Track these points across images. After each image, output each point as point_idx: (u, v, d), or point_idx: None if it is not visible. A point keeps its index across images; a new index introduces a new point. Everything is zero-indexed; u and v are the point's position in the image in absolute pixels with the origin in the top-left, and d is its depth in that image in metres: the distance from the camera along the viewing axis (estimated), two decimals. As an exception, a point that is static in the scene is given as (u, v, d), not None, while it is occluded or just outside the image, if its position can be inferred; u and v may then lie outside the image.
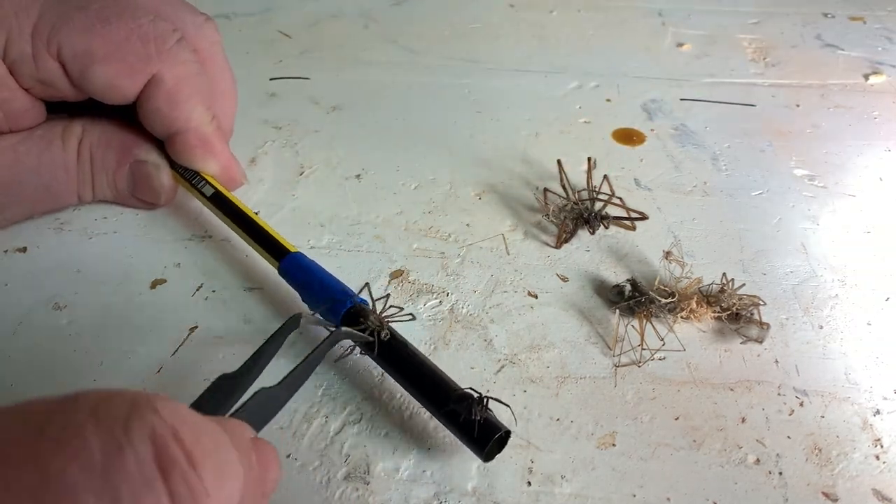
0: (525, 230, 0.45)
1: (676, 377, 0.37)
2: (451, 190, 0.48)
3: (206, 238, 0.43)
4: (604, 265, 0.43)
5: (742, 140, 0.53)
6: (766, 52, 0.63)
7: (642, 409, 0.35)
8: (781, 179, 0.49)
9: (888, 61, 0.62)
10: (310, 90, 0.56)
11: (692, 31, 0.65)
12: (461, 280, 0.42)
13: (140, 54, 0.39)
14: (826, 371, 0.37)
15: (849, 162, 0.51)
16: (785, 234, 0.45)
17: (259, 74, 0.57)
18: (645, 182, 0.49)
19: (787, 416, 0.35)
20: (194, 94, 0.41)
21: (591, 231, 0.44)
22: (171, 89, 0.39)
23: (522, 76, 0.59)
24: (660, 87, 0.58)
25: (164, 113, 0.40)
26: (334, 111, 0.54)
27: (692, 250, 0.44)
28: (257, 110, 0.53)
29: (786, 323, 0.40)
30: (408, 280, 0.41)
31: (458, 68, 0.59)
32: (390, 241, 0.44)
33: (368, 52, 0.61)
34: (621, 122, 0.54)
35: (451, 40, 0.63)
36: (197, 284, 0.41)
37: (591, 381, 0.37)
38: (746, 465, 0.33)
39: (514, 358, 0.38)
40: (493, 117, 0.54)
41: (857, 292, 0.42)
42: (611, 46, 0.63)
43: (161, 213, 0.45)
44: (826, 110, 0.56)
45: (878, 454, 0.34)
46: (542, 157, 0.50)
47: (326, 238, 0.44)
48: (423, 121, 0.53)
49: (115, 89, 0.39)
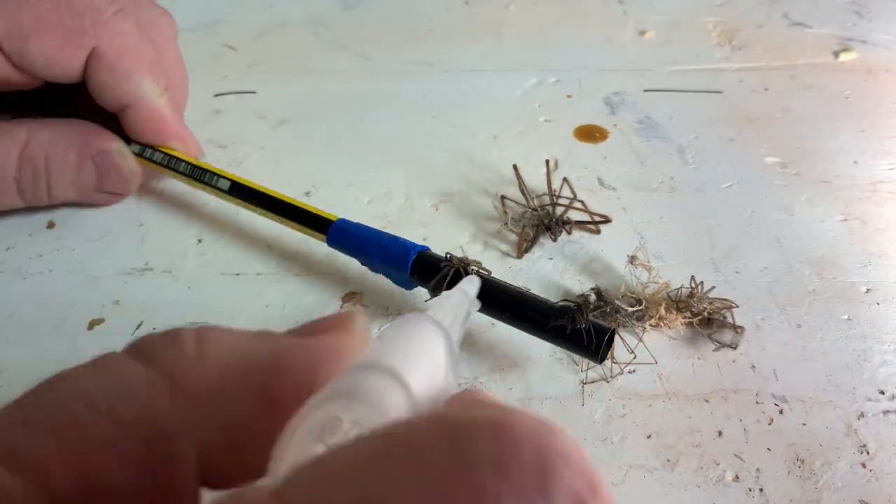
0: (485, 241, 0.42)
1: (647, 391, 0.35)
2: (407, 202, 0.45)
3: (146, 271, 0.41)
4: (568, 273, 0.40)
5: (709, 129, 0.51)
6: (732, 35, 0.61)
7: (612, 428, 0.33)
8: (752, 169, 0.47)
9: (858, 37, 0.60)
10: (256, 105, 0.53)
11: (655, 18, 0.63)
12: (418, 299, 0.39)
13: (74, 26, 0.39)
14: (806, 374, 0.35)
15: (822, 146, 0.49)
16: (758, 227, 0.43)
17: (203, 91, 0.54)
18: (609, 181, 0.46)
19: (766, 427, 0.33)
20: (139, 66, 0.40)
21: (553, 238, 0.41)
22: (112, 61, 0.39)
23: (479, 76, 0.56)
24: (622, 78, 0.56)
25: (109, 86, 0.40)
26: (282, 125, 0.51)
27: (660, 251, 0.41)
28: (201, 129, 0.50)
29: (762, 324, 0.38)
30: (361, 303, 0.39)
31: (413, 72, 0.57)
32: (342, 261, 0.41)
33: (318, 61, 0.58)
34: (583, 118, 0.52)
35: (405, 43, 0.60)
36: (136, 322, 0.38)
37: (557, 401, 0.34)
38: (725, 482, 0.31)
39: (476, 382, 0.35)
40: (449, 122, 0.52)
41: (836, 286, 0.40)
42: (571, 39, 0.60)
43: (100, 245, 0.42)
44: (796, 92, 0.54)
45: (863, 462, 0.32)
46: (501, 162, 0.48)
47: (274, 262, 0.41)
48: (377, 130, 0.51)
49: (56, 64, 0.39)
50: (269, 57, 0.58)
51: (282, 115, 0.52)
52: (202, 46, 0.59)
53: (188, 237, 0.43)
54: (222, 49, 0.59)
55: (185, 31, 0.61)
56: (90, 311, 0.39)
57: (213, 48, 0.59)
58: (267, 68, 0.57)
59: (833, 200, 0.45)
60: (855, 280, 0.40)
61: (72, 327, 0.38)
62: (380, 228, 0.43)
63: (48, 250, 0.42)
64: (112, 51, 0.40)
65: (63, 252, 0.42)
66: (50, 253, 0.42)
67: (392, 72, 0.57)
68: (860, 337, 0.37)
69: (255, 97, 0.54)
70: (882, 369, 0.35)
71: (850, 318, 0.38)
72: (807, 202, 0.45)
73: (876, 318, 0.38)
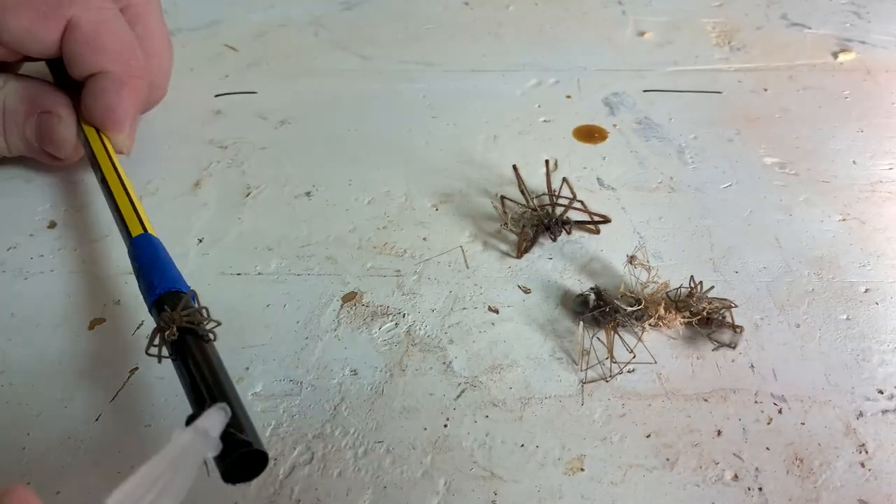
0: (484, 241, 0.43)
1: (647, 390, 0.35)
2: (407, 202, 0.45)
3: (147, 271, 0.41)
4: (567, 273, 0.41)
5: (708, 130, 0.51)
6: (731, 36, 0.61)
7: (611, 427, 0.33)
8: (751, 169, 0.47)
9: (857, 37, 0.60)
10: (257, 105, 0.53)
11: (654, 18, 0.63)
12: (418, 299, 0.39)
13: (49, 1, 0.40)
14: (805, 373, 0.35)
15: (821, 146, 0.49)
16: (756, 227, 0.43)
17: (204, 91, 0.54)
18: (608, 181, 0.46)
19: (765, 426, 0.33)
20: (112, 41, 0.42)
21: (552, 238, 0.41)
22: (87, 33, 0.41)
23: (479, 76, 0.56)
24: (622, 79, 0.56)
25: (83, 57, 0.41)
26: (283, 125, 0.51)
27: (659, 251, 0.42)
28: (201, 130, 0.51)
29: (761, 324, 0.38)
30: (361, 303, 0.39)
31: (413, 72, 0.57)
32: (342, 261, 0.41)
33: (319, 61, 0.58)
34: (582, 118, 0.52)
35: (405, 43, 0.60)
36: (137, 322, 0.38)
37: (557, 400, 0.34)
38: (724, 482, 0.31)
39: (475, 381, 0.35)
40: (449, 122, 0.52)
41: (835, 285, 0.40)
42: (570, 40, 0.61)
43: (101, 245, 0.42)
44: (795, 93, 0.54)
45: (862, 461, 0.32)
46: (501, 162, 0.48)
47: (274, 263, 0.41)
48: (377, 130, 0.51)
49: (33, 37, 0.40)
50: (270, 57, 0.58)
51: (283, 115, 0.52)
52: (202, 46, 0.59)
53: (188, 237, 0.43)
54: (222, 49, 0.59)
55: (185, 31, 0.61)
56: (91, 310, 0.39)
57: (213, 48, 0.59)
58: (267, 68, 0.57)
59: (832, 200, 0.45)
60: (854, 280, 0.40)
61: (73, 327, 0.38)
62: (380, 228, 0.43)
63: (49, 250, 0.42)
64: (87, 24, 0.41)
65: (64, 252, 0.42)
66: (51, 253, 0.42)
67: (392, 72, 0.57)
68: (859, 337, 0.37)
69: (256, 97, 0.54)
70: (881, 369, 0.36)
71: (849, 318, 0.38)
72: (806, 202, 0.45)
73: (875, 317, 0.38)
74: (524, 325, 0.38)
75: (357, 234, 0.43)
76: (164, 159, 0.48)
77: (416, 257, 0.42)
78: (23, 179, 0.47)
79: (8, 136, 0.44)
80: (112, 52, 0.42)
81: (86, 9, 0.41)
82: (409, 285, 0.40)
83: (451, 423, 0.34)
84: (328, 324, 0.38)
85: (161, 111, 0.50)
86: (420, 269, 0.41)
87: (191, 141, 0.50)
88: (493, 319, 0.38)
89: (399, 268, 0.41)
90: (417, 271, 0.41)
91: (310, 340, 0.37)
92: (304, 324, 0.38)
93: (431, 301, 0.39)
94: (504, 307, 0.39)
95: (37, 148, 0.44)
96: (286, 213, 0.44)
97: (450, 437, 0.33)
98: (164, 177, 0.46)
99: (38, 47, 0.41)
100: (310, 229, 0.43)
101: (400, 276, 0.40)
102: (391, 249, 0.42)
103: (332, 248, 0.42)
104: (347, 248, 0.42)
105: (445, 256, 0.42)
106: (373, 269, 0.41)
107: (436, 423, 0.34)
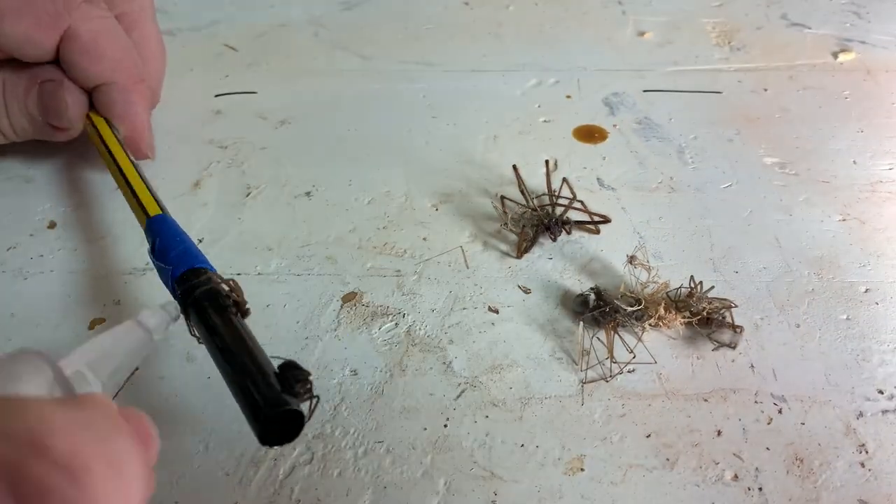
0: (484, 241, 0.43)
1: (647, 390, 0.35)
2: (407, 202, 0.45)
3: (146, 271, 0.41)
4: (567, 273, 0.41)
5: (708, 130, 0.51)
6: (731, 36, 0.61)
7: (611, 427, 0.33)
8: (751, 169, 0.47)
9: (857, 37, 0.60)
10: (257, 105, 0.53)
11: (654, 18, 0.63)
12: (418, 299, 0.39)
13: (48, 10, 0.41)
14: (805, 373, 0.35)
15: (821, 146, 0.49)
16: (756, 227, 0.43)
17: (204, 91, 0.54)
18: (608, 181, 0.46)
19: (765, 426, 0.33)
20: (112, 49, 0.42)
21: (552, 238, 0.41)
22: (86, 42, 0.41)
23: (479, 76, 0.56)
24: (622, 79, 0.56)
25: (83, 67, 0.42)
26: (283, 125, 0.51)
27: (659, 251, 0.42)
28: (202, 130, 0.51)
29: (761, 324, 0.38)
30: (361, 303, 0.39)
31: (413, 72, 0.57)
32: (343, 261, 0.41)
33: (318, 61, 0.58)
34: (582, 118, 0.52)
35: (405, 43, 0.60)
36: (137, 322, 0.38)
37: (557, 400, 0.34)
38: (724, 482, 0.31)
39: (475, 381, 0.35)
40: (449, 122, 0.52)
41: (835, 285, 0.40)
42: (570, 39, 0.61)
43: (101, 245, 0.42)
44: (795, 93, 0.54)
45: (862, 461, 0.32)
46: (501, 162, 0.48)
47: (275, 263, 0.41)
48: (377, 130, 0.51)
49: (31, 43, 0.41)
50: (270, 57, 0.58)
51: (282, 115, 0.52)
52: (202, 46, 0.59)
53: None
54: (222, 49, 0.59)
55: (185, 31, 0.61)
56: (91, 310, 0.39)
57: (213, 48, 0.59)
58: (267, 68, 0.57)
59: (832, 200, 0.45)
60: (854, 280, 0.40)
61: (73, 327, 0.38)
62: (380, 228, 0.43)
63: (49, 250, 0.42)
64: (85, 34, 0.41)
65: (64, 252, 0.42)
66: (51, 253, 0.42)
67: (392, 72, 0.57)
68: (859, 337, 0.37)
69: (256, 97, 0.54)
70: (881, 369, 0.36)
71: (849, 318, 0.38)
72: (806, 202, 0.45)
73: (875, 317, 0.38)
74: (524, 325, 0.38)
75: (357, 234, 0.43)
76: (164, 159, 0.48)
77: (416, 257, 0.42)
78: (23, 179, 0.47)
79: (11, 114, 0.43)
80: (112, 60, 0.42)
81: (84, 18, 0.41)
82: (409, 285, 0.40)
83: (451, 423, 0.34)
84: (328, 324, 0.38)
85: (161, 111, 0.50)
86: (420, 269, 0.41)
87: (191, 141, 0.50)
88: (493, 319, 0.38)
89: (399, 268, 0.41)
90: (417, 271, 0.41)
91: (310, 340, 0.37)
92: (304, 324, 0.38)
93: (431, 301, 0.39)
94: (504, 307, 0.39)
95: (41, 123, 0.43)
96: (286, 213, 0.44)
97: (450, 437, 0.33)
98: (164, 177, 0.46)
99: (35, 53, 0.41)
100: (310, 229, 0.43)
101: (400, 276, 0.40)
102: (391, 249, 0.42)
103: (332, 248, 0.42)
104: (347, 248, 0.42)
105: (445, 256, 0.42)
106: (373, 269, 0.41)
107: (436, 423, 0.34)
